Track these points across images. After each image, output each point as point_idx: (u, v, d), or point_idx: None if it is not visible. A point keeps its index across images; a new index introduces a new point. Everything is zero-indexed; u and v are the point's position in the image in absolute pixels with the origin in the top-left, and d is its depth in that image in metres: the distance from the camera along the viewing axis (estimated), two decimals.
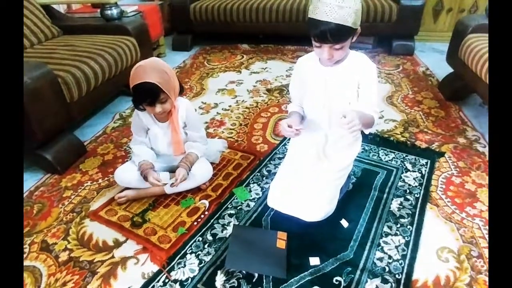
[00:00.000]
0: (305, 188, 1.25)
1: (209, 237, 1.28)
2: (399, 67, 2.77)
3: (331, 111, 1.22)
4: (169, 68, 1.33)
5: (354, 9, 0.98)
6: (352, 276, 1.12)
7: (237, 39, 3.47)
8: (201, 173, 1.48)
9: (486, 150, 1.70)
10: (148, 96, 1.28)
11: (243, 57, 3.14)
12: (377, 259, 1.17)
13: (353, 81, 1.16)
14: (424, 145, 1.76)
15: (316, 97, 1.23)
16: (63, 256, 1.24)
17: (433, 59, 2.92)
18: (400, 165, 1.61)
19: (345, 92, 1.18)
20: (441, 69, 2.55)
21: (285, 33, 3.18)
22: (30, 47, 2.05)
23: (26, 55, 1.89)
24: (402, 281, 1.09)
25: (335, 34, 1.00)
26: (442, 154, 1.68)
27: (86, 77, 1.75)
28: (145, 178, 1.38)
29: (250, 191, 1.50)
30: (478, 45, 1.78)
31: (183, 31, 3.38)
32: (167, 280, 1.13)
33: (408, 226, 1.29)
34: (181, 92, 1.44)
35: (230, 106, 2.26)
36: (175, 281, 1.13)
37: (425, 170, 1.57)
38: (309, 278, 1.11)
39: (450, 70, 2.25)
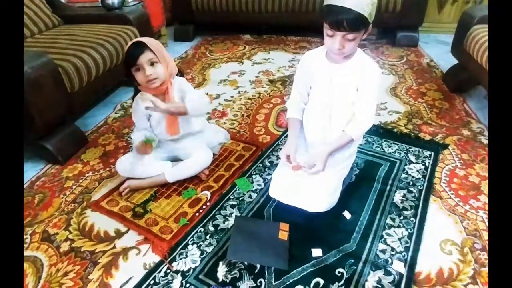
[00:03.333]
0: (307, 179, 1.23)
1: (211, 228, 1.28)
2: (403, 59, 2.74)
3: (332, 109, 1.22)
4: (163, 47, 1.37)
5: (372, 1, 1.00)
6: (355, 268, 1.11)
7: (240, 29, 3.44)
8: (202, 159, 1.48)
9: None
10: (135, 52, 1.28)
11: (245, 47, 3.11)
12: (380, 251, 1.16)
13: (354, 82, 1.17)
14: (427, 137, 1.74)
15: (320, 94, 1.23)
16: (65, 246, 1.23)
17: (437, 50, 2.88)
18: (404, 157, 1.60)
19: (347, 93, 1.19)
20: (446, 60, 2.53)
21: (288, 24, 3.14)
22: (30, 36, 2.03)
23: (26, 44, 1.87)
24: (405, 274, 1.09)
25: (351, 21, 0.99)
26: (446, 146, 1.66)
27: (87, 67, 1.73)
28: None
29: (252, 182, 1.49)
30: (484, 36, 1.75)
31: (185, 21, 3.35)
32: (168, 271, 1.13)
33: (411, 218, 1.28)
34: (181, 76, 1.45)
35: (232, 97, 2.24)
36: (176, 271, 1.12)
37: (429, 162, 1.56)
38: (311, 269, 1.11)
39: (455, 61, 2.22)
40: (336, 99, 1.20)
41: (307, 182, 1.22)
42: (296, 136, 1.28)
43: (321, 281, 1.07)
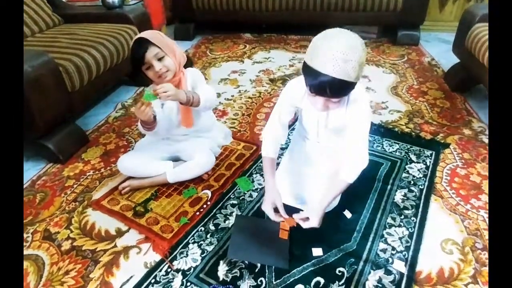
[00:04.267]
0: (308, 180, 1.23)
1: (212, 227, 1.28)
2: (404, 57, 2.74)
3: (324, 139, 1.23)
4: (166, 36, 1.34)
5: (359, 62, 0.87)
6: (355, 267, 1.11)
7: (240, 28, 3.43)
8: (204, 161, 1.47)
9: None
10: (140, 52, 1.25)
11: (245, 46, 3.10)
12: (381, 250, 1.16)
13: (344, 123, 1.13)
14: (429, 136, 1.74)
15: (309, 127, 1.22)
16: (66, 245, 1.24)
17: (438, 49, 2.88)
18: (405, 156, 1.60)
19: (338, 133, 1.17)
20: (447, 59, 2.52)
21: (288, 22, 3.13)
22: (31, 35, 2.03)
23: (27, 43, 1.87)
24: (406, 273, 1.09)
25: (335, 89, 0.89)
26: (447, 146, 1.66)
27: (87, 66, 1.73)
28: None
29: (253, 181, 1.49)
30: (485, 35, 1.75)
31: (185, 20, 3.34)
32: (169, 270, 1.13)
33: (412, 218, 1.28)
34: (191, 65, 1.44)
35: (232, 96, 2.24)
36: (177, 270, 1.13)
37: (430, 162, 1.56)
38: (312, 269, 1.11)
39: (456, 60, 2.21)
40: (326, 133, 1.19)
41: (308, 184, 1.22)
42: (274, 178, 1.18)
43: (322, 280, 1.07)
